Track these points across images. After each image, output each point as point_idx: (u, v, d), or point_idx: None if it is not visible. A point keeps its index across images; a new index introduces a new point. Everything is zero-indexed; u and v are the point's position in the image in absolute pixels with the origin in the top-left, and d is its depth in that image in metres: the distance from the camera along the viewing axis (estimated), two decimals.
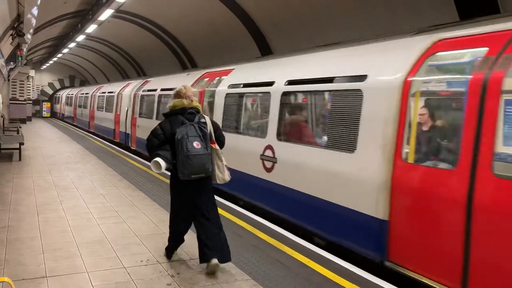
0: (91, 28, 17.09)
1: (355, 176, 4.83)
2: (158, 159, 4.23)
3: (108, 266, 4.44)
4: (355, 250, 4.92)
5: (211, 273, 4.25)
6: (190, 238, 4.80)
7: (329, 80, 5.59)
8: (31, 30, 12.42)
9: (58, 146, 14.97)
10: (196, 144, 4.21)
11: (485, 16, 4.88)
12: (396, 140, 4.44)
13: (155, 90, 12.72)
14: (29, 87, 30.30)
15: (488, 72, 3.77)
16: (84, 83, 38.75)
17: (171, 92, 6.20)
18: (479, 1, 6.66)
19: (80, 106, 25.96)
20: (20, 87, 28.10)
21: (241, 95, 7.99)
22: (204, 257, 4.29)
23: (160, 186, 8.45)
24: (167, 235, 4.83)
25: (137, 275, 4.22)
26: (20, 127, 17.91)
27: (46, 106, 38.45)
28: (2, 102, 14.83)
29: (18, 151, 11.64)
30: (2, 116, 18.29)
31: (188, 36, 16.19)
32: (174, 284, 4.05)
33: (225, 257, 4.35)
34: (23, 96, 28.38)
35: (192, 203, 4.40)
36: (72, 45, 23.57)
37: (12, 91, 27.51)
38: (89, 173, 9.73)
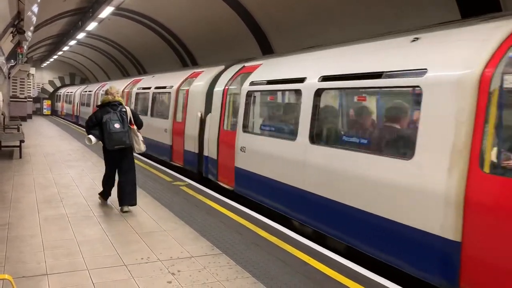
0: (92, 26, 17.07)
1: (413, 187, 4.12)
2: (90, 136, 6.35)
3: (109, 263, 4.44)
4: (414, 275, 4.17)
5: (124, 212, 6.32)
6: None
7: (376, 75, 4.79)
8: (32, 28, 12.42)
9: (58, 144, 14.96)
10: (116, 125, 6.19)
11: (487, 14, 4.85)
12: (471, 146, 3.68)
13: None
14: (30, 85, 30.27)
15: None
16: (84, 81, 38.75)
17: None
18: None
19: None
20: (20, 85, 28.06)
21: (269, 93, 7.46)
22: (120, 203, 6.45)
23: (161, 184, 8.45)
24: (168, 232, 4.99)
25: (137, 273, 4.22)
26: (21, 125, 17.90)
27: (46, 104, 38.45)
28: (3, 99, 14.67)
29: (18, 148, 11.63)
30: (2, 114, 18.28)
31: (189, 33, 16.17)
32: (175, 282, 4.05)
33: (132, 202, 6.46)
34: (23, 94, 28.34)
35: (117, 165, 6.53)
36: (72, 42, 23.56)
37: (13, 89, 27.48)
38: (90, 170, 9.73)
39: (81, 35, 20.25)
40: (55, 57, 32.55)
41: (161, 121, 11.69)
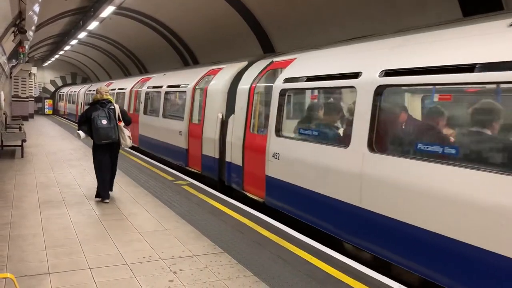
0: (93, 25, 17.07)
1: None
2: (79, 131, 6.91)
3: (110, 262, 4.44)
4: None
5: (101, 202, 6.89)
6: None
7: (465, 69, 3.84)
8: (33, 27, 12.42)
9: (60, 143, 14.98)
10: (103, 121, 6.68)
11: (489, 12, 4.83)
12: None
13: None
14: (31, 84, 30.32)
15: None
16: (85, 80, 38.79)
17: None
18: None
19: None
20: (22, 84, 28.09)
21: (310, 91, 6.53)
22: (102, 195, 6.95)
23: (162, 183, 8.45)
24: (169, 231, 5.07)
25: (139, 272, 4.22)
26: (22, 124, 17.93)
27: (48, 103, 38.49)
28: (5, 99, 14.60)
29: (20, 148, 11.67)
30: (4, 114, 18.31)
31: (190, 33, 16.16)
32: (177, 281, 4.05)
33: (111, 189, 7.20)
34: (25, 93, 28.37)
35: (104, 159, 6.99)
36: (73, 42, 23.56)
37: (14, 88, 27.52)
38: (91, 170, 9.66)
39: (82, 35, 20.25)
40: (56, 56, 32.57)
41: (175, 122, 10.70)
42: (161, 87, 12.27)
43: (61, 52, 29.77)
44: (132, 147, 12.87)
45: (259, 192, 6.90)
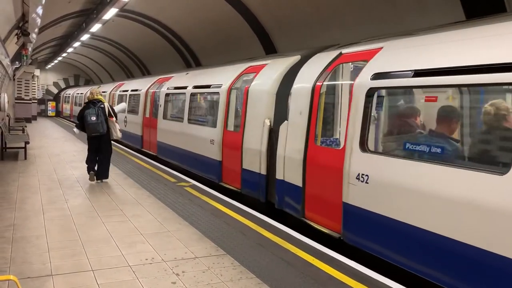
0: (96, 27, 17.12)
1: None
2: (74, 128, 9.06)
3: (113, 264, 4.45)
4: None
5: (92, 181, 8.47)
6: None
7: None
8: (36, 30, 12.46)
9: (63, 145, 15.02)
10: (92, 118, 8.11)
11: (492, 15, 4.79)
12: None
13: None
14: (34, 86, 30.42)
15: None
16: (88, 82, 38.89)
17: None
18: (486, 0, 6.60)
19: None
20: (25, 86, 28.21)
21: (424, 91, 4.74)
22: (97, 177, 8.51)
23: (165, 185, 8.46)
24: (172, 233, 5.16)
25: (142, 274, 4.23)
26: (26, 126, 18.00)
27: (51, 105, 38.60)
28: (8, 101, 14.62)
29: (23, 150, 11.71)
30: (7, 116, 18.37)
31: (192, 34, 16.19)
32: (179, 283, 4.05)
33: (106, 176, 8.65)
34: (28, 95, 28.49)
35: (96, 148, 8.46)
36: (76, 44, 23.64)
37: (18, 90, 27.63)
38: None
39: (85, 37, 20.32)
40: (59, 58, 32.65)
41: (205, 129, 9.26)
42: (185, 87, 10.83)
43: (64, 54, 29.86)
44: (150, 156, 12.65)
45: (332, 223, 5.39)
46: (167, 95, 12.07)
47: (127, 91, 16.70)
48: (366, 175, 4.70)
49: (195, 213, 6.44)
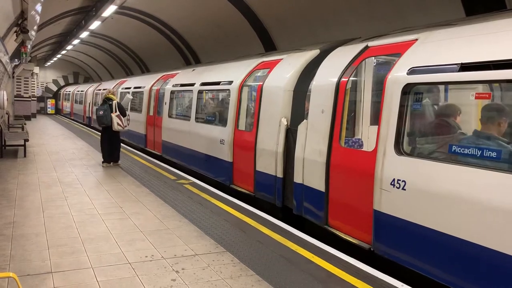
0: (95, 25, 17.06)
1: None
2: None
3: (113, 261, 4.45)
4: None
5: (111, 164, 10.25)
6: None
7: None
8: (35, 27, 12.44)
9: (62, 143, 15.01)
10: (100, 112, 9.97)
11: (492, 12, 4.78)
12: None
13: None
14: (34, 84, 30.38)
15: None
16: (87, 80, 38.85)
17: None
18: None
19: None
20: (24, 84, 28.17)
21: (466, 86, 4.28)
22: (109, 160, 10.28)
23: (165, 183, 8.46)
24: (172, 230, 5.17)
25: (141, 271, 4.23)
26: (25, 124, 17.98)
27: (50, 103, 38.57)
28: (7, 99, 14.59)
29: (23, 147, 11.70)
30: (7, 113, 18.35)
31: (192, 32, 16.17)
32: (179, 280, 4.05)
33: (117, 160, 10.41)
34: (27, 93, 28.45)
35: (107, 137, 10.26)
36: (76, 41, 23.57)
37: (17, 88, 27.59)
38: (94, 169, 9.75)
39: (84, 34, 20.25)
40: (58, 56, 32.60)
41: (214, 128, 8.77)
42: (192, 85, 10.28)
43: (63, 52, 29.80)
44: (154, 155, 12.44)
45: (360, 233, 4.90)
46: (172, 92, 11.59)
47: (129, 88, 16.22)
48: (403, 181, 4.20)
49: (195, 211, 6.44)
